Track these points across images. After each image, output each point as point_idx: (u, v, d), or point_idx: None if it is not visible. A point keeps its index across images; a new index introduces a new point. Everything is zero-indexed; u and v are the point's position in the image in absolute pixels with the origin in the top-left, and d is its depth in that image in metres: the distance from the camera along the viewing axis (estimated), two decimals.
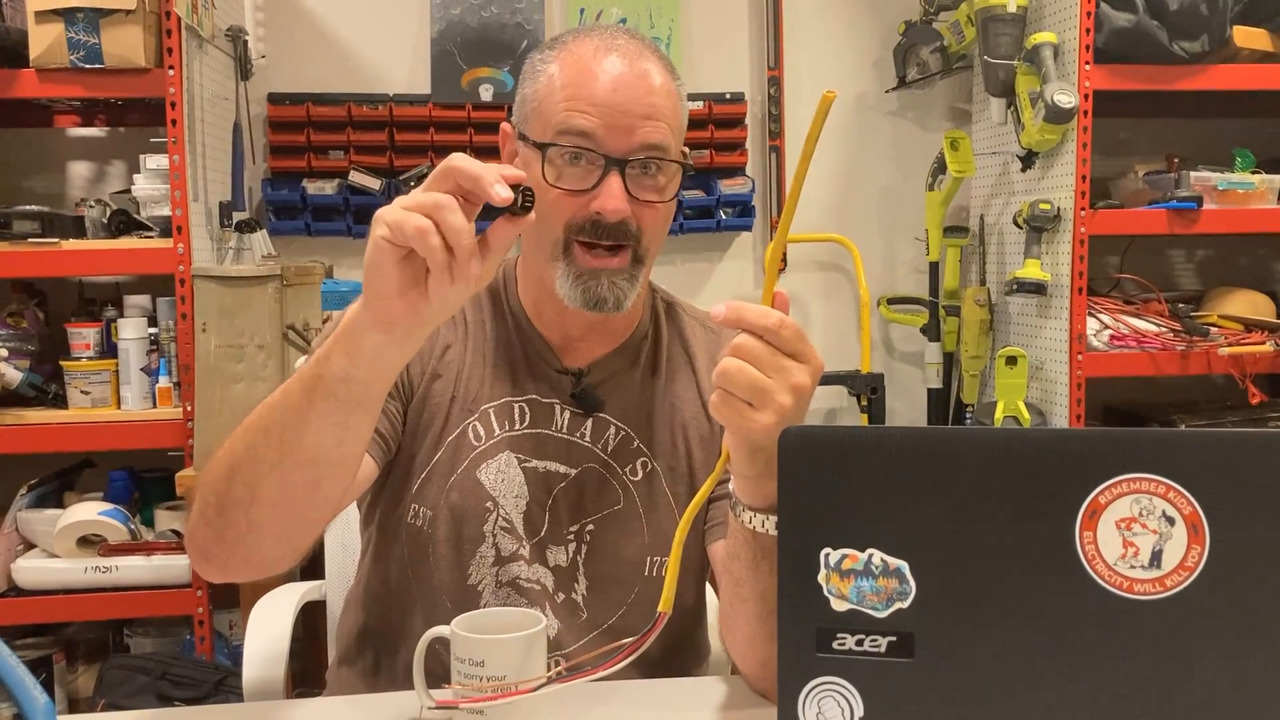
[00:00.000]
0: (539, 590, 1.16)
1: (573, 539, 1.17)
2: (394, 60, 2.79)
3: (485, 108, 2.74)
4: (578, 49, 1.12)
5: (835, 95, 0.85)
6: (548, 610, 1.15)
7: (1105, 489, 0.75)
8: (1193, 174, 2.55)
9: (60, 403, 2.34)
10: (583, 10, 2.82)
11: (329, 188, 2.68)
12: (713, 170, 2.82)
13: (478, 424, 1.17)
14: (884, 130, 2.99)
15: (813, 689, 0.78)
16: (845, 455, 0.78)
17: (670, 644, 1.19)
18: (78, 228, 2.33)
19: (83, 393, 2.32)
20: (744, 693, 1.05)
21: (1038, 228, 2.55)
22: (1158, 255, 3.01)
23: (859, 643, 0.78)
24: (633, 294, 1.13)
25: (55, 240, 2.24)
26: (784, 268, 2.96)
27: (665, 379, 1.23)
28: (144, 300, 2.39)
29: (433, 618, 1.05)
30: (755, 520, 0.95)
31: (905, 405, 3.02)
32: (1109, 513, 0.75)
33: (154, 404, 2.33)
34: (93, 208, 2.36)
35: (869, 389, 2.80)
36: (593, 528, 1.18)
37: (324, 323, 2.23)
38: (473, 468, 1.16)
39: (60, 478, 2.45)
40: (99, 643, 2.53)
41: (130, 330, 2.33)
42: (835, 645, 0.78)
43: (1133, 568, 0.75)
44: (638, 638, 0.91)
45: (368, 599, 1.22)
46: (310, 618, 1.58)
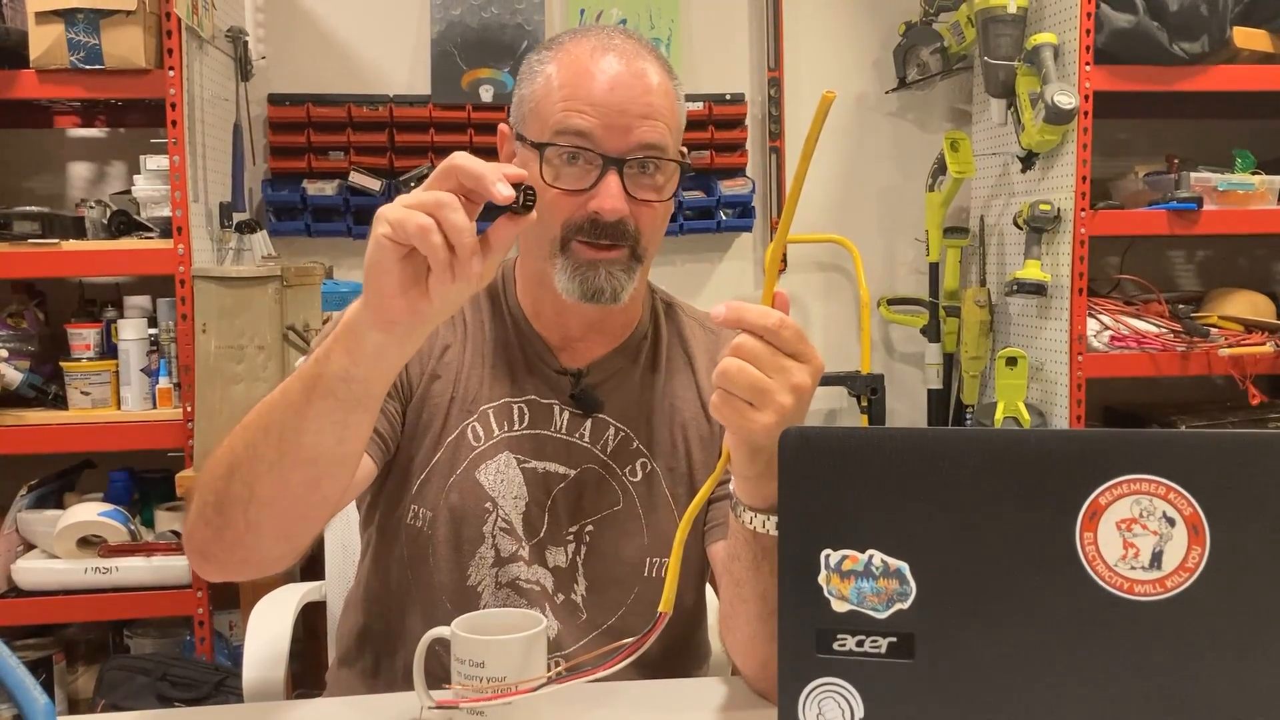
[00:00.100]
0: (538, 591, 1.16)
1: (572, 540, 1.17)
2: (394, 61, 2.79)
3: (485, 108, 2.74)
4: (575, 49, 1.12)
5: (835, 95, 0.85)
6: (547, 611, 1.15)
7: (1106, 490, 0.75)
8: (1193, 175, 2.55)
9: (60, 403, 2.34)
10: (583, 11, 2.82)
11: (329, 188, 2.68)
12: (713, 171, 2.82)
13: (477, 425, 1.17)
14: (884, 131, 2.99)
15: (813, 690, 0.78)
16: (845, 456, 0.78)
17: (670, 645, 1.18)
18: (78, 228, 2.33)
19: (83, 393, 2.32)
20: (744, 694, 1.05)
21: (1038, 228, 2.55)
22: (1158, 256, 3.01)
23: (859, 643, 0.78)
24: (630, 287, 1.12)
25: (55, 241, 2.24)
26: (784, 268, 2.96)
27: (665, 379, 1.23)
28: (144, 301, 2.39)
29: (432, 618, 1.05)
30: (756, 521, 0.95)
31: (905, 406, 3.02)
32: (1109, 514, 0.75)
33: (154, 405, 2.33)
34: (93, 208, 2.36)
35: (869, 390, 2.80)
36: (592, 528, 1.18)
37: (324, 323, 2.23)
38: (472, 468, 1.16)
39: (60, 478, 2.45)
40: (99, 643, 2.53)
41: (130, 331, 2.33)
42: (836, 646, 0.78)
43: (1133, 569, 0.75)
44: (638, 638, 0.91)
45: (367, 600, 1.22)
46: (310, 618, 1.57)
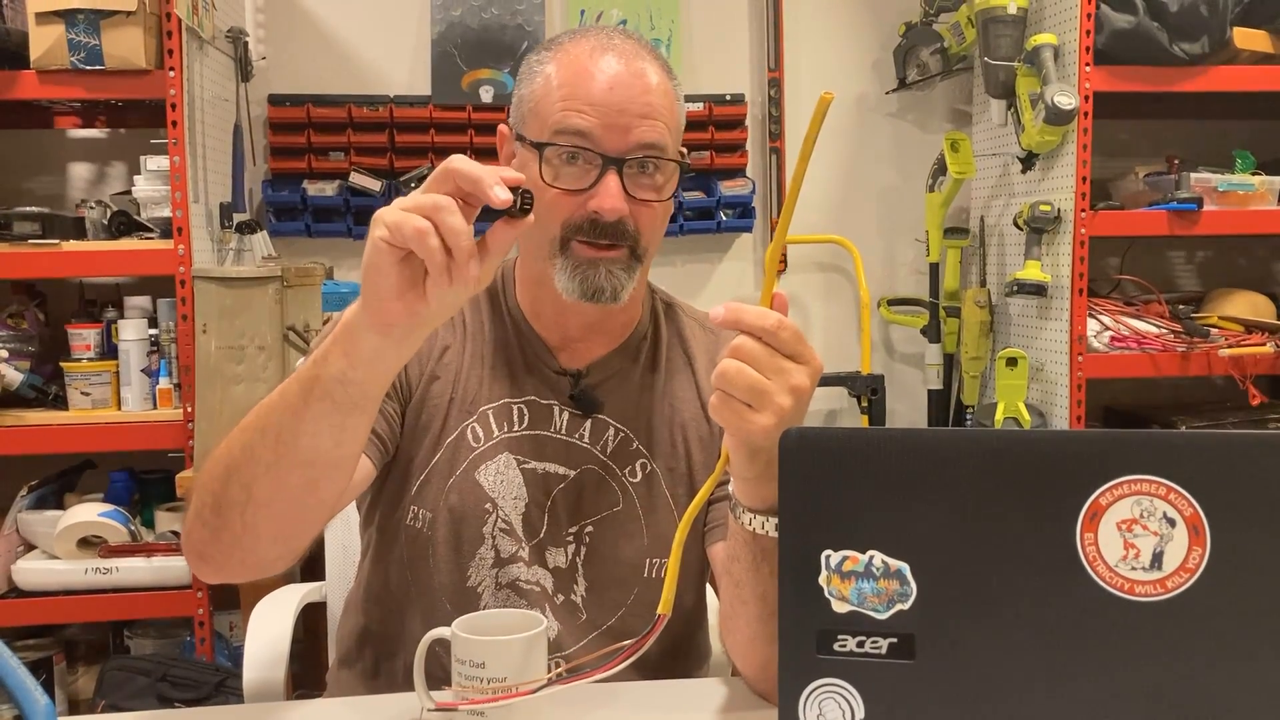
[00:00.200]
0: (538, 592, 1.16)
1: (572, 540, 1.17)
2: (394, 62, 2.79)
3: (485, 109, 2.74)
4: (574, 49, 1.12)
5: (833, 97, 0.85)
6: (547, 612, 1.15)
7: (1106, 490, 0.75)
8: (1193, 175, 2.55)
9: (61, 404, 2.34)
10: (583, 11, 2.82)
11: (329, 189, 2.68)
12: (713, 172, 2.82)
13: (476, 425, 1.17)
14: (884, 131, 2.99)
15: (814, 690, 0.78)
16: (846, 457, 0.78)
17: (670, 646, 1.19)
18: (78, 229, 2.33)
19: (83, 394, 2.32)
20: (744, 694, 1.05)
21: (1038, 229, 2.55)
22: (1158, 256, 3.02)
23: (860, 644, 0.78)
24: (629, 286, 1.12)
25: (56, 241, 2.24)
26: (784, 269, 2.96)
27: (664, 380, 1.23)
28: (144, 301, 2.39)
29: (432, 619, 1.05)
30: (755, 522, 0.95)
31: (905, 406, 3.02)
32: (1110, 514, 0.75)
33: (154, 405, 2.33)
34: (93, 209, 2.36)
35: (869, 390, 2.80)
36: (592, 529, 1.17)
37: (324, 324, 2.23)
38: (471, 469, 1.16)
39: (61, 479, 2.45)
40: (99, 644, 2.53)
41: (130, 331, 2.33)
42: (836, 647, 0.78)
43: (1134, 569, 0.75)
44: (637, 640, 0.91)
45: (367, 601, 1.21)
46: (311, 619, 1.57)
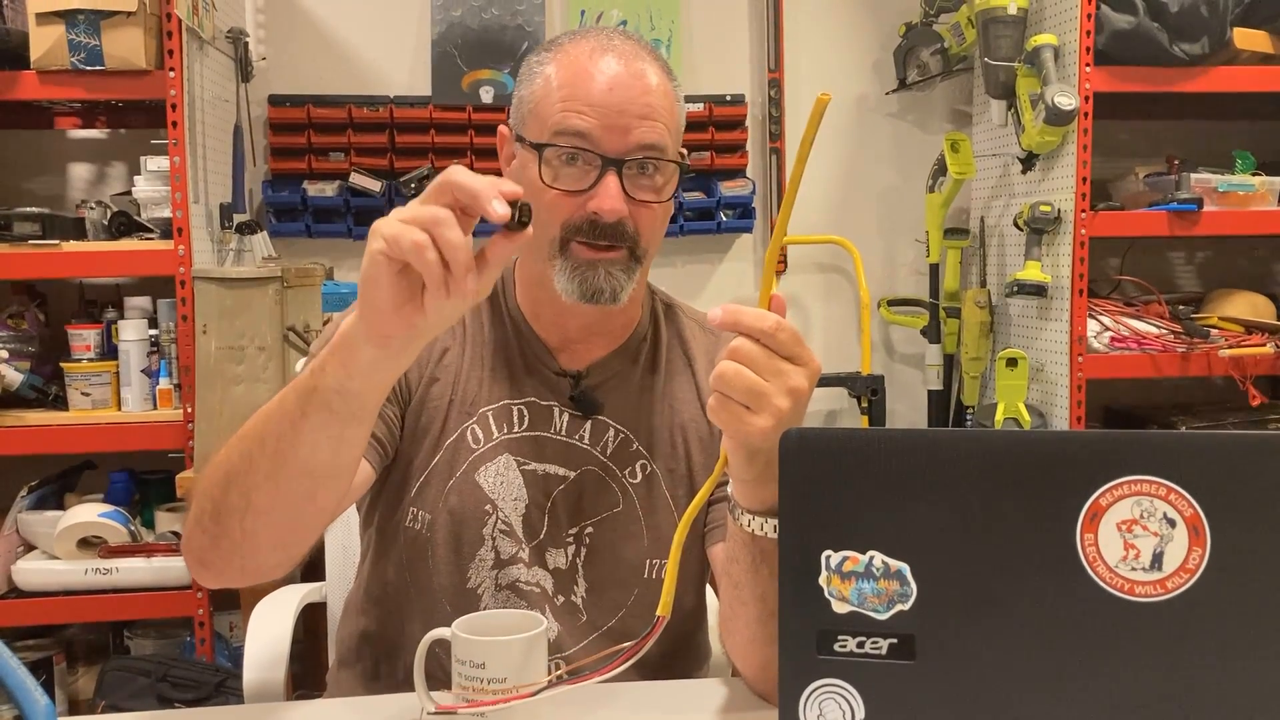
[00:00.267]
0: (538, 593, 1.16)
1: (572, 541, 1.17)
2: (394, 62, 2.79)
3: (486, 109, 2.74)
4: (574, 50, 1.12)
5: (829, 98, 0.85)
6: (547, 613, 1.15)
7: (1106, 491, 0.75)
8: (1193, 176, 2.55)
9: (61, 404, 2.34)
10: (583, 12, 2.82)
11: (329, 189, 2.68)
12: (713, 172, 2.82)
13: (476, 427, 1.17)
14: (884, 132, 2.99)
15: (814, 691, 0.78)
16: (846, 457, 0.78)
17: (670, 646, 1.18)
18: (78, 229, 2.33)
19: (83, 394, 2.32)
20: (744, 695, 1.05)
21: (1038, 229, 2.55)
22: (1158, 257, 3.01)
23: (860, 645, 0.78)
24: (629, 287, 1.12)
25: (56, 242, 2.24)
26: (783, 269, 2.96)
27: (664, 380, 1.23)
28: (144, 302, 2.39)
29: (432, 621, 1.05)
30: (754, 524, 0.95)
31: (906, 407, 3.02)
32: (1110, 515, 0.75)
33: (154, 406, 2.33)
34: (93, 209, 2.36)
35: (869, 391, 2.80)
36: (592, 530, 1.17)
37: (324, 324, 2.23)
38: (471, 470, 1.16)
39: (61, 479, 2.45)
40: (99, 644, 2.53)
41: (131, 332, 2.33)
42: (836, 647, 0.78)
43: (1134, 570, 0.75)
44: (636, 642, 0.91)
45: (367, 602, 1.21)
46: (311, 619, 1.57)
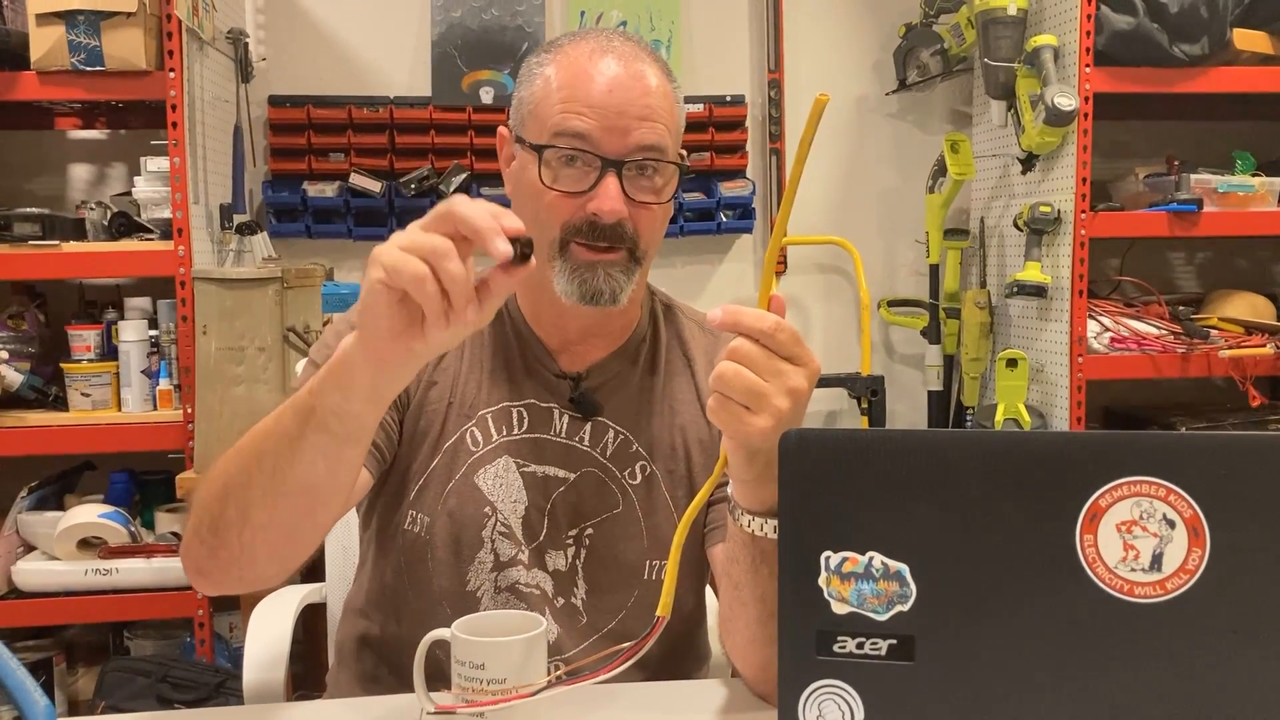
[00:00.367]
0: (538, 595, 1.16)
1: (571, 543, 1.17)
2: (394, 63, 2.79)
3: (486, 110, 2.74)
4: (574, 51, 1.12)
5: (828, 99, 0.84)
6: (547, 615, 1.15)
7: (1106, 492, 0.75)
8: (1193, 176, 2.55)
9: (61, 405, 2.34)
10: (583, 13, 2.82)
11: (329, 190, 2.68)
12: (713, 173, 2.82)
13: (475, 429, 1.17)
14: (884, 133, 2.99)
15: (813, 692, 0.78)
16: (845, 458, 0.78)
17: (670, 647, 1.18)
18: (78, 230, 2.33)
19: (83, 395, 2.32)
20: (744, 695, 1.05)
21: (1038, 230, 2.55)
22: (1158, 258, 3.01)
23: (859, 646, 0.78)
24: (629, 288, 1.12)
25: (56, 242, 2.24)
26: (783, 270, 2.96)
27: (664, 381, 1.23)
28: (144, 303, 2.39)
29: (431, 624, 1.04)
30: (754, 524, 0.95)
31: (906, 407, 3.02)
32: (1109, 516, 0.75)
33: (154, 406, 2.33)
34: (93, 210, 2.36)
35: (869, 391, 2.80)
36: (592, 532, 1.17)
37: (324, 325, 2.23)
38: (470, 473, 1.16)
39: (61, 480, 2.45)
40: (99, 645, 2.53)
41: (131, 332, 2.33)
42: (836, 648, 0.78)
43: (1133, 571, 0.75)
44: (636, 642, 0.91)
45: (366, 605, 1.21)
46: (311, 620, 1.57)
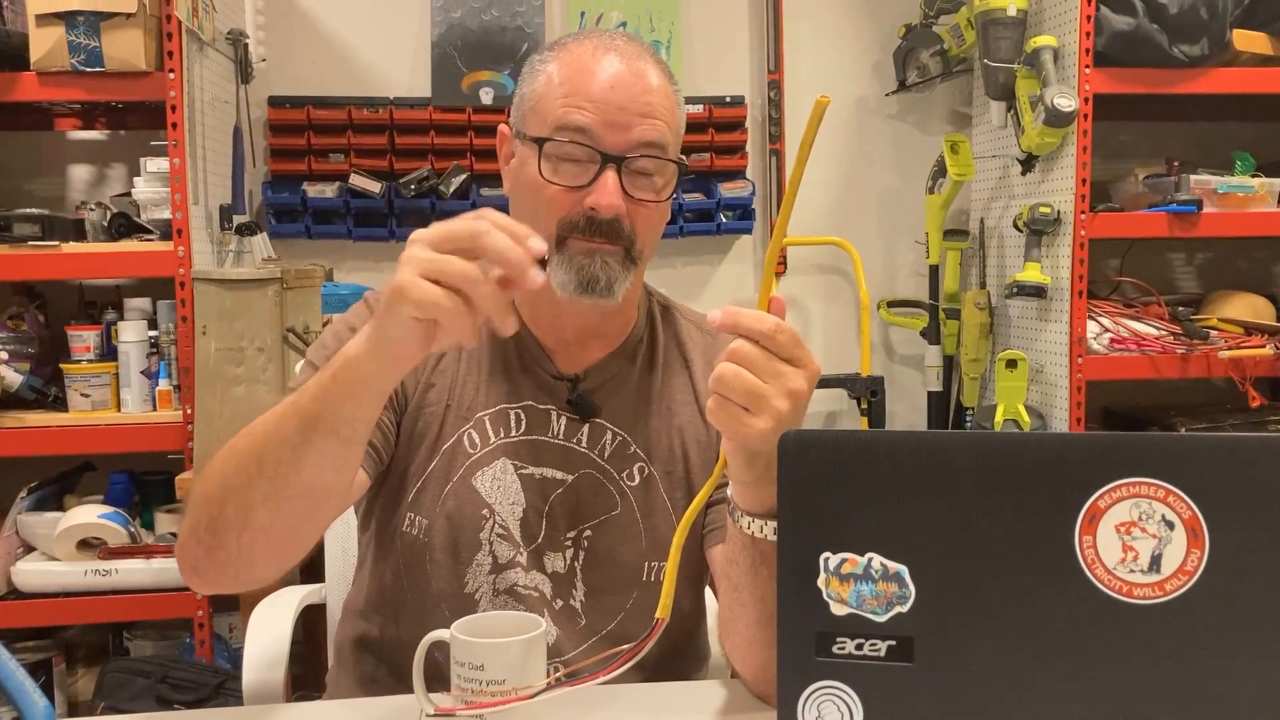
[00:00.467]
0: (537, 597, 1.16)
1: (570, 545, 1.17)
2: (394, 63, 2.79)
3: (485, 111, 2.74)
4: (577, 49, 1.13)
5: (828, 100, 0.85)
6: (546, 617, 1.14)
7: (1105, 493, 0.75)
8: (1192, 177, 2.55)
9: (60, 405, 2.34)
10: (583, 14, 2.82)
11: (329, 191, 2.68)
12: (713, 173, 2.82)
13: (473, 431, 1.17)
14: (884, 133, 2.99)
15: (812, 693, 0.78)
16: (845, 459, 0.78)
17: (669, 648, 1.18)
18: (78, 230, 2.34)
19: (83, 395, 2.32)
20: (743, 696, 1.05)
21: (1038, 231, 2.55)
22: (1158, 258, 3.01)
23: (858, 647, 0.78)
24: (624, 282, 1.12)
25: (55, 243, 2.24)
26: (783, 271, 2.96)
27: (662, 382, 1.23)
28: (144, 303, 2.39)
29: (430, 626, 1.04)
30: (754, 526, 0.95)
31: (905, 408, 3.02)
32: (1108, 517, 0.75)
33: (154, 407, 2.33)
34: (93, 210, 2.36)
35: (869, 392, 2.80)
36: (590, 534, 1.17)
37: (324, 325, 2.23)
38: (468, 475, 1.16)
39: (60, 480, 2.45)
40: (99, 646, 2.53)
41: (130, 333, 2.33)
42: (835, 649, 0.78)
43: (1132, 572, 0.75)
44: (635, 644, 0.91)
45: (365, 607, 1.21)
46: (310, 621, 1.57)
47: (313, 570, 1.52)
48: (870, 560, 0.77)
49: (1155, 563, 0.75)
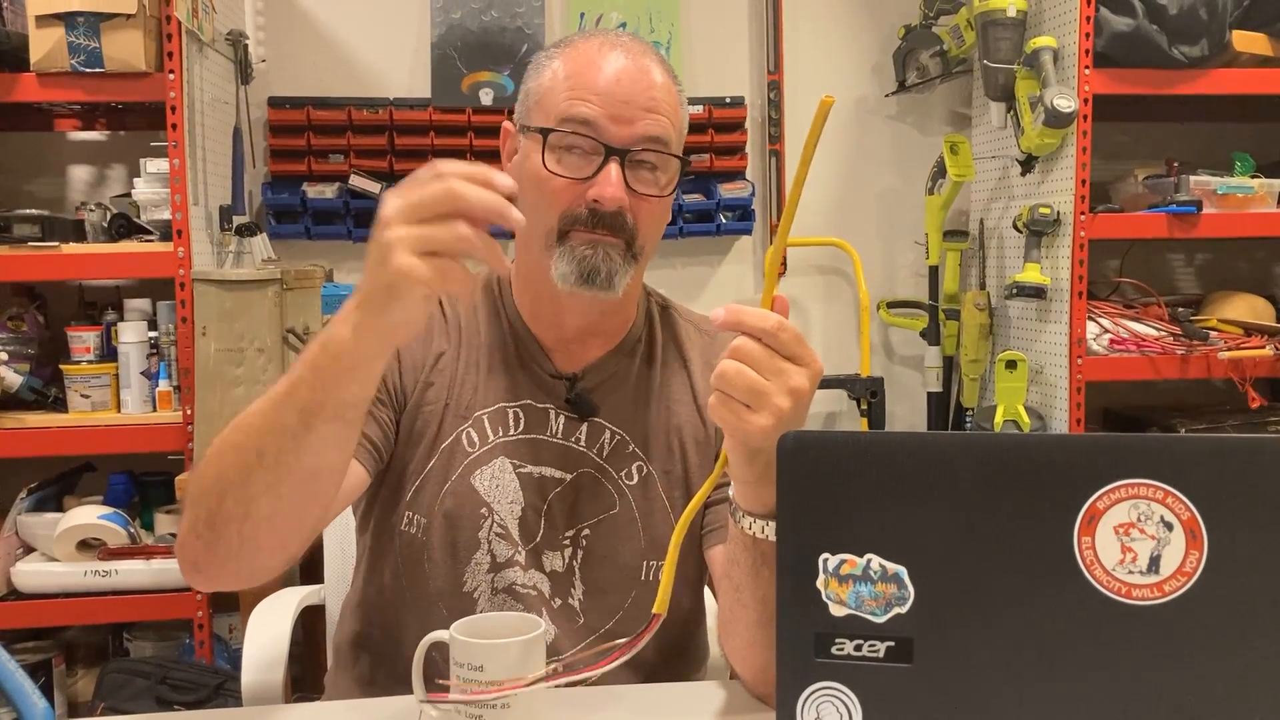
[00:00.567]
0: (535, 596, 1.16)
1: (568, 544, 1.17)
2: (394, 64, 2.79)
3: (485, 111, 2.74)
4: (583, 45, 1.14)
5: (833, 101, 0.85)
6: (545, 615, 1.15)
7: (1103, 494, 0.75)
8: (1192, 178, 2.55)
9: (60, 406, 2.34)
10: (583, 14, 2.82)
11: (329, 191, 2.68)
12: (712, 174, 2.82)
13: (471, 430, 1.17)
14: (884, 134, 2.99)
15: (811, 694, 0.78)
16: (844, 460, 0.78)
17: (668, 648, 1.18)
18: (78, 231, 2.33)
19: (83, 396, 2.32)
20: (743, 697, 1.05)
21: (1037, 232, 2.56)
22: (1157, 259, 3.01)
23: (857, 648, 0.78)
24: (625, 277, 1.12)
25: (55, 244, 2.24)
26: (783, 272, 2.96)
27: (660, 382, 1.23)
28: (144, 304, 2.39)
29: (429, 625, 1.05)
30: (755, 526, 0.95)
31: (905, 409, 3.02)
32: (1107, 518, 0.75)
33: (154, 407, 2.33)
34: (93, 211, 2.36)
35: (869, 393, 2.80)
36: (589, 533, 1.17)
37: (324, 326, 2.23)
38: (467, 474, 1.16)
39: (60, 481, 2.45)
40: (99, 646, 2.53)
41: (130, 334, 2.33)
42: (834, 650, 0.78)
43: (1131, 573, 0.75)
44: (632, 638, 0.91)
45: (364, 606, 1.21)
46: (310, 622, 1.57)
47: (312, 571, 1.52)
48: (869, 561, 0.77)
49: (1154, 564, 0.75)
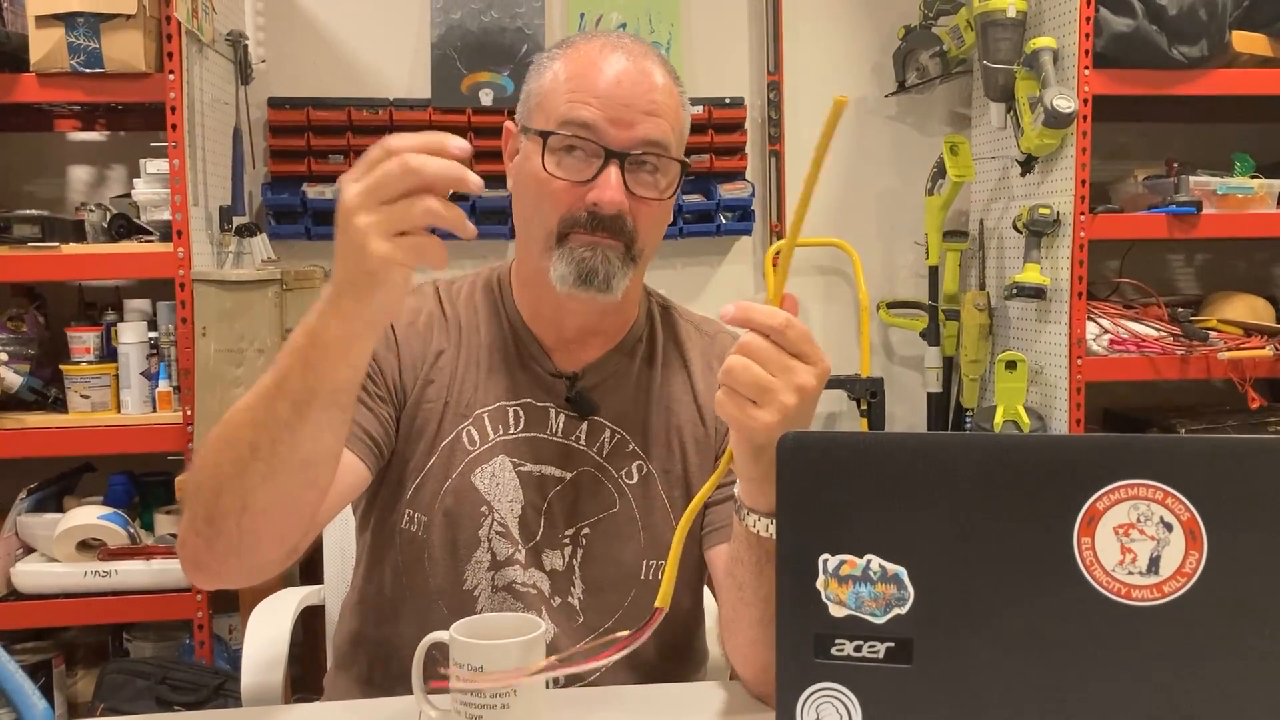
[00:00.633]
0: (535, 594, 1.16)
1: (568, 543, 1.17)
2: (394, 64, 2.79)
3: (485, 112, 2.74)
4: (584, 46, 1.14)
5: (846, 100, 0.85)
6: (544, 614, 1.15)
7: (1103, 495, 0.75)
8: (1192, 178, 2.55)
9: (60, 407, 2.34)
10: (583, 15, 2.82)
11: (329, 192, 2.68)
12: (712, 175, 2.82)
13: (471, 428, 1.17)
14: (883, 135, 2.99)
15: (811, 695, 0.78)
16: (844, 461, 0.78)
17: (668, 648, 1.19)
18: (78, 232, 2.33)
19: (83, 397, 2.32)
20: (743, 697, 1.05)
21: (1037, 232, 2.56)
22: (1157, 260, 3.02)
23: (857, 649, 0.78)
24: (624, 279, 1.12)
25: (55, 244, 2.24)
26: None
27: (660, 381, 1.23)
28: (144, 304, 2.39)
29: (428, 623, 1.05)
30: (759, 524, 0.95)
31: (905, 409, 3.02)
32: (1107, 519, 0.75)
33: (154, 408, 2.33)
34: (93, 212, 2.35)
35: (869, 393, 2.80)
36: (589, 531, 1.17)
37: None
38: (467, 472, 1.16)
39: (60, 482, 2.45)
40: (98, 647, 2.53)
41: (130, 334, 2.32)
42: (834, 651, 0.78)
43: (1130, 574, 0.75)
44: (633, 632, 0.90)
45: (364, 606, 1.21)
46: (309, 622, 1.57)
47: (312, 571, 1.52)
48: (869, 562, 0.77)
49: (1154, 564, 0.75)
